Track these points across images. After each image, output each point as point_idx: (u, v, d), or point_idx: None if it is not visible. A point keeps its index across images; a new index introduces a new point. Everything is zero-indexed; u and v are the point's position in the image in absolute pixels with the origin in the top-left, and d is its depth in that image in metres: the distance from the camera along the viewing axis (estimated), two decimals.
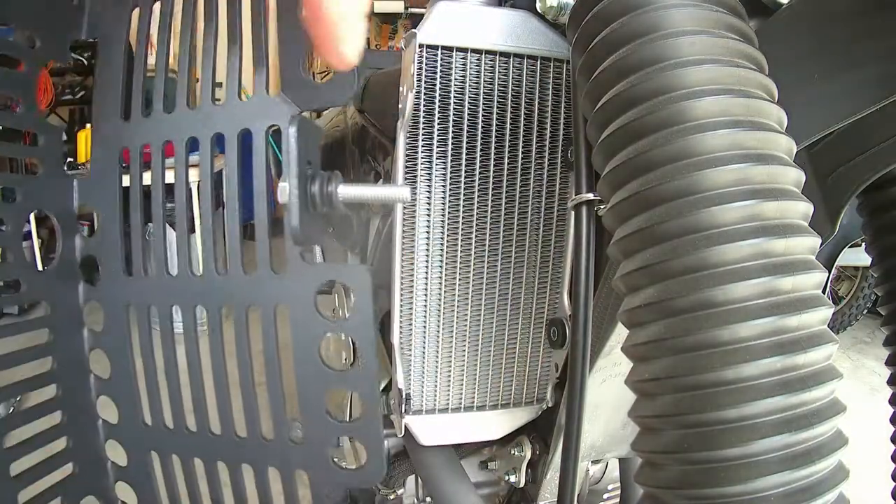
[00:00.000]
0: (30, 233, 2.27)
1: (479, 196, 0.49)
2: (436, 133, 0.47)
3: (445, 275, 0.50)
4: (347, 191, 0.28)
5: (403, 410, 0.51)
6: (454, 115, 0.47)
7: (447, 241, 0.49)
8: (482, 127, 0.47)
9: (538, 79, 0.48)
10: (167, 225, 0.37)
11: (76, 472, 0.39)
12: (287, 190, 0.27)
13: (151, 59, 0.35)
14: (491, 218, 0.49)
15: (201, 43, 0.34)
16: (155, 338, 0.38)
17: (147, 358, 0.38)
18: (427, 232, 0.49)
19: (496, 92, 0.47)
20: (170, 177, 0.35)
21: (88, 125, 0.46)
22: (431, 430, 0.53)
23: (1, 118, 0.36)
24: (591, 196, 0.38)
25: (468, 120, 0.47)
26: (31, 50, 0.34)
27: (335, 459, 0.35)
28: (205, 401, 0.38)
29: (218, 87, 0.35)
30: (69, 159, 2.27)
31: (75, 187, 0.37)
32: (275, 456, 0.36)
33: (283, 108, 0.31)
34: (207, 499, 0.39)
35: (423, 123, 0.46)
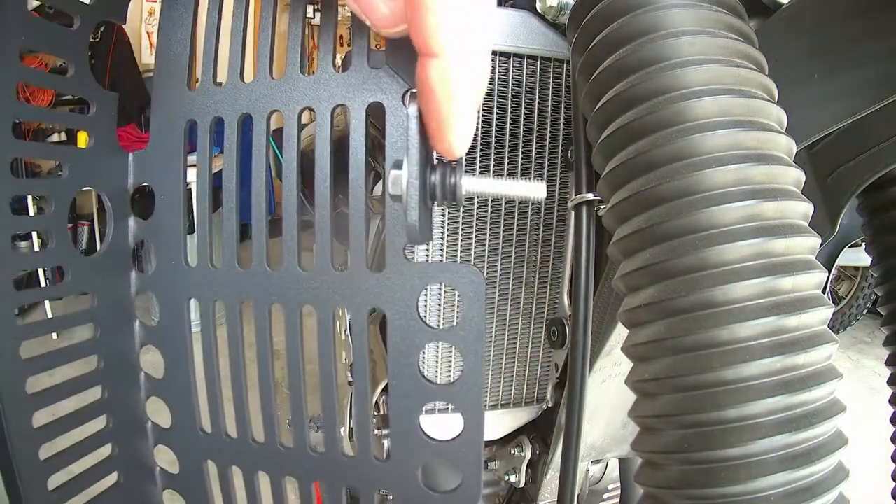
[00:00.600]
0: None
1: (479, 196, 0.49)
2: None
3: None
4: (474, 183, 0.24)
5: None
6: None
7: (447, 241, 0.49)
8: (482, 127, 0.47)
9: (538, 79, 0.48)
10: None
11: (121, 482, 0.35)
12: (404, 179, 0.23)
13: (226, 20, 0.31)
14: (491, 218, 0.49)
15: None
16: (219, 336, 0.34)
17: (209, 358, 0.34)
18: None
19: (496, 92, 0.47)
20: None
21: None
22: (431, 430, 0.53)
23: (49, 80, 0.31)
24: (591, 196, 0.38)
25: None
26: (83, 5, 0.31)
27: (424, 481, 0.31)
28: (276, 409, 0.34)
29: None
30: None
31: (130, 162, 0.32)
32: (354, 474, 0.32)
33: (389, 84, 0.26)
34: None
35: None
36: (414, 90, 0.25)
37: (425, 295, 0.50)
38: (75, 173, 0.31)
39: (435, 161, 0.25)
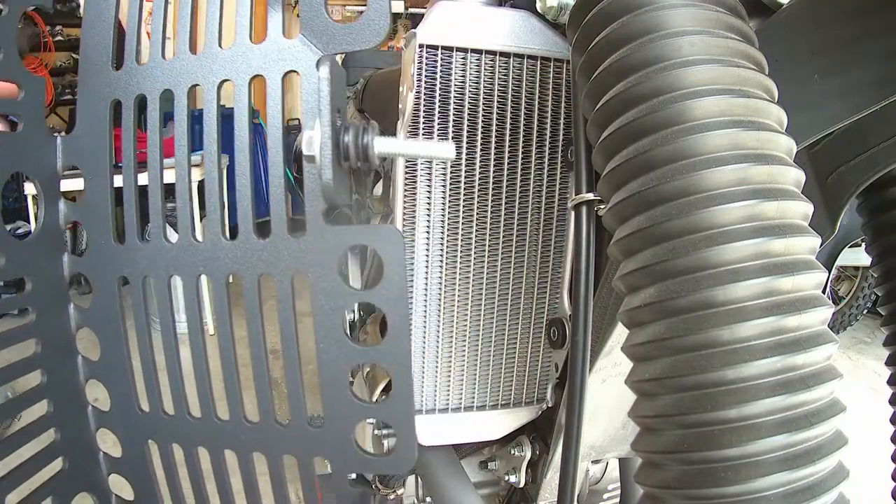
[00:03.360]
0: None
1: (479, 196, 0.49)
2: (436, 133, 0.47)
3: (445, 275, 0.50)
4: (385, 144, 0.25)
5: None
6: (454, 114, 0.47)
7: (447, 241, 0.49)
8: (482, 127, 0.47)
9: (538, 79, 0.48)
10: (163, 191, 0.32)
11: (66, 468, 0.35)
12: (318, 140, 0.23)
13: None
14: (491, 218, 0.49)
15: None
16: (151, 314, 0.34)
17: (142, 336, 0.34)
18: (427, 232, 0.49)
19: (496, 92, 0.47)
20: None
21: None
22: (431, 430, 0.53)
23: None
24: (591, 196, 0.38)
25: (468, 120, 0.47)
26: None
27: (359, 445, 0.32)
28: (210, 383, 0.34)
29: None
30: None
31: (58, 145, 0.32)
32: (291, 442, 0.32)
33: (303, 52, 0.27)
34: (214, 490, 0.36)
35: (423, 123, 0.46)
36: (331, 56, 0.26)
37: (425, 297, 0.50)
38: (4, 158, 0.31)
39: (348, 123, 0.25)
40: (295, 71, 0.28)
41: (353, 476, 1.09)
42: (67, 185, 0.35)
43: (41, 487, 0.33)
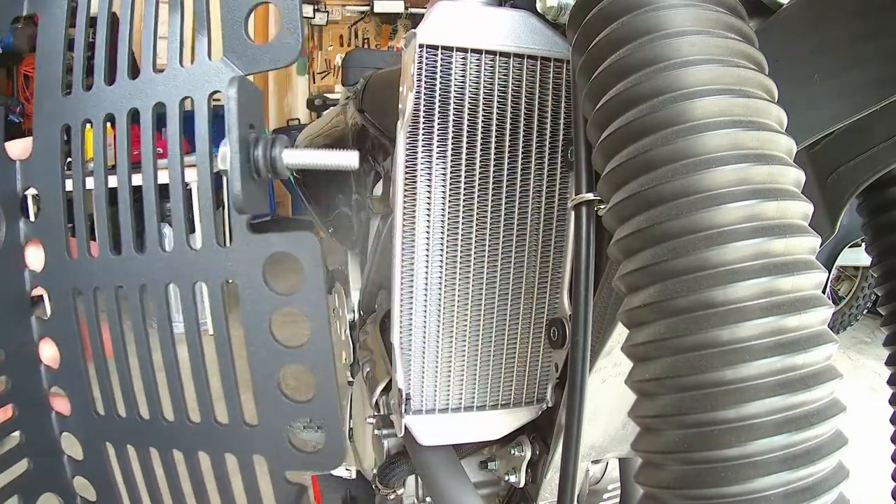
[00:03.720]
0: None
1: (479, 196, 0.49)
2: (436, 133, 0.47)
3: (445, 275, 0.50)
4: (293, 155, 0.27)
5: (403, 410, 0.51)
6: (454, 115, 0.47)
7: (447, 241, 0.49)
8: (482, 127, 0.47)
9: (538, 79, 0.48)
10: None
11: (31, 469, 0.37)
12: (227, 155, 0.26)
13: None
14: (491, 218, 0.49)
15: (141, 10, 0.33)
16: (103, 324, 0.37)
17: (95, 345, 0.36)
18: (427, 232, 0.49)
19: (496, 92, 0.47)
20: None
21: None
22: (431, 430, 0.53)
23: None
24: (591, 196, 0.38)
25: (468, 120, 0.47)
26: None
27: (293, 442, 0.34)
28: (156, 386, 0.37)
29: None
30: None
31: (17, 168, 0.35)
32: (231, 441, 0.35)
33: (226, 73, 0.29)
34: (166, 489, 0.38)
35: (423, 123, 0.46)
36: (240, 77, 0.28)
37: (425, 297, 0.50)
38: None
39: (253, 136, 0.28)
40: (219, 90, 0.31)
41: (354, 476, 1.09)
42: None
43: (7, 486, 0.35)
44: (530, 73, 0.47)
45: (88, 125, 0.33)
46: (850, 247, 0.60)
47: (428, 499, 0.72)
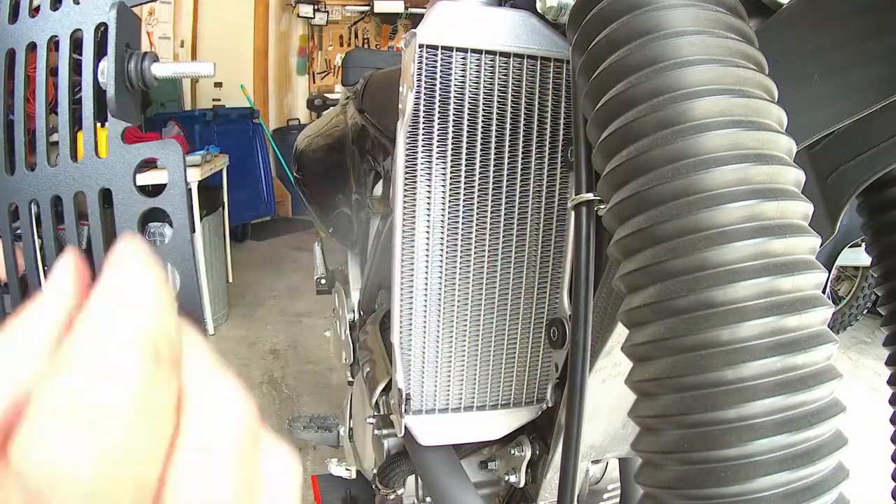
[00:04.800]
0: None
1: (479, 196, 0.49)
2: (436, 133, 0.47)
3: (445, 275, 0.50)
4: (160, 68, 0.32)
5: (403, 410, 0.52)
6: (454, 115, 0.47)
7: (447, 241, 0.49)
8: (482, 127, 0.47)
9: (538, 79, 0.48)
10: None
11: None
12: (106, 68, 0.30)
13: None
14: (491, 218, 0.49)
15: None
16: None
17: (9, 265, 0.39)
18: (427, 232, 0.49)
19: (496, 92, 0.47)
20: None
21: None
22: (431, 430, 0.53)
23: None
24: (591, 196, 0.38)
25: (468, 120, 0.47)
26: None
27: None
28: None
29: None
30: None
31: None
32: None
33: (108, 5, 0.33)
34: None
35: (423, 123, 0.46)
36: (119, 3, 0.32)
37: (425, 297, 0.50)
38: None
39: (128, 53, 0.32)
40: (105, 22, 0.34)
41: (354, 476, 1.09)
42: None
43: None
44: (530, 73, 0.47)
45: None
46: (850, 247, 0.60)
47: (428, 499, 0.72)
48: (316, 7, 5.01)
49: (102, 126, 0.37)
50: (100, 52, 0.34)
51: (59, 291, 0.19)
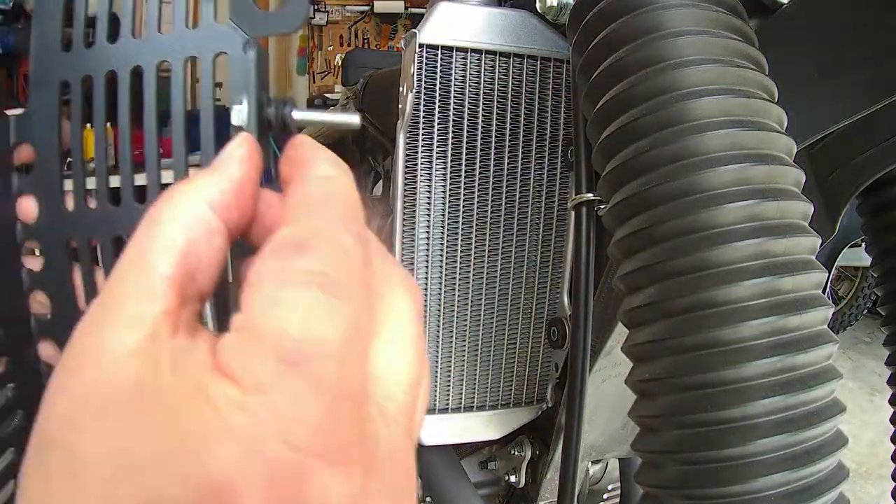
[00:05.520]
0: None
1: (479, 196, 0.49)
2: (436, 133, 0.47)
3: (445, 275, 0.50)
4: (301, 115, 0.30)
5: None
6: (454, 115, 0.47)
7: (447, 241, 0.49)
8: (482, 127, 0.47)
9: (538, 79, 0.48)
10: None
11: (24, 423, 0.39)
12: (244, 112, 0.28)
13: None
14: (491, 218, 0.49)
15: None
16: (98, 273, 0.38)
17: (90, 296, 0.37)
18: (427, 232, 0.49)
19: (496, 92, 0.47)
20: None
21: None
22: (431, 430, 0.53)
23: None
24: (591, 196, 0.38)
25: (468, 120, 0.47)
26: None
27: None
28: None
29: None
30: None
31: (11, 124, 0.36)
32: None
33: (232, 36, 0.31)
34: None
35: (423, 123, 0.46)
36: (254, 38, 0.31)
37: (425, 297, 0.50)
38: None
39: (265, 97, 0.31)
40: (224, 52, 0.32)
41: None
42: None
43: (3, 440, 0.36)
44: (530, 73, 0.47)
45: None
46: (850, 247, 0.60)
47: (428, 499, 0.72)
48: (316, 7, 5.00)
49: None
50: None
51: (229, 161, 0.23)
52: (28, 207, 0.37)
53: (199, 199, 0.20)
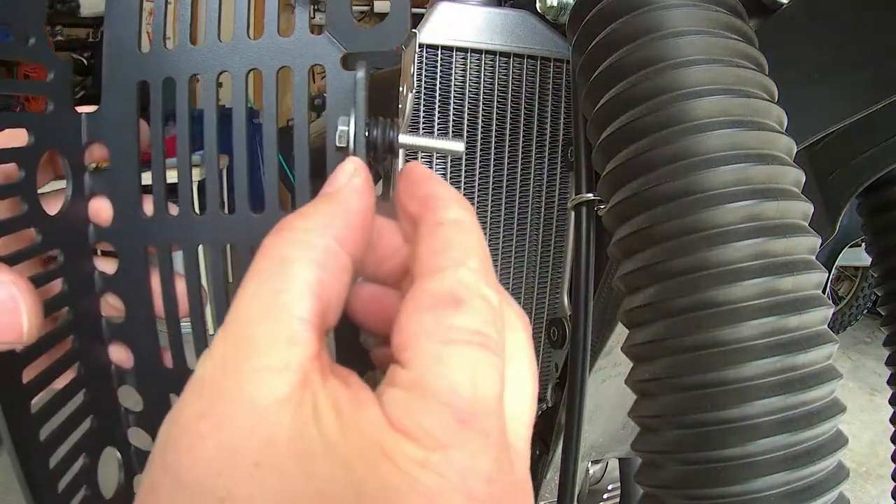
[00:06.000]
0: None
1: (479, 196, 0.49)
2: (436, 133, 0.47)
3: None
4: (407, 139, 0.29)
5: None
6: (454, 115, 0.47)
7: None
8: (482, 127, 0.47)
9: (538, 79, 0.48)
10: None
11: (95, 426, 0.37)
12: (351, 133, 0.27)
13: None
14: (491, 218, 0.49)
15: None
16: (178, 281, 0.36)
17: (169, 301, 0.36)
18: None
19: (496, 92, 0.47)
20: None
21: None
22: None
23: (11, 51, 0.32)
24: (591, 196, 0.38)
25: (468, 120, 0.47)
26: None
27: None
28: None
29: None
30: None
31: (84, 121, 0.34)
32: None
33: (329, 48, 0.30)
34: None
35: (423, 123, 0.46)
36: (357, 55, 0.29)
37: None
38: (40, 138, 0.32)
39: (377, 120, 0.30)
40: (320, 64, 0.31)
41: None
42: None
43: (76, 445, 0.35)
44: (530, 73, 0.47)
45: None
46: (850, 247, 0.60)
47: None
48: (316, 7, 5.01)
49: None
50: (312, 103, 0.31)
51: (349, 192, 0.23)
52: (101, 208, 0.36)
53: (327, 235, 0.20)
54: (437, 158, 0.48)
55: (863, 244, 0.53)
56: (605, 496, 0.68)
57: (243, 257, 0.35)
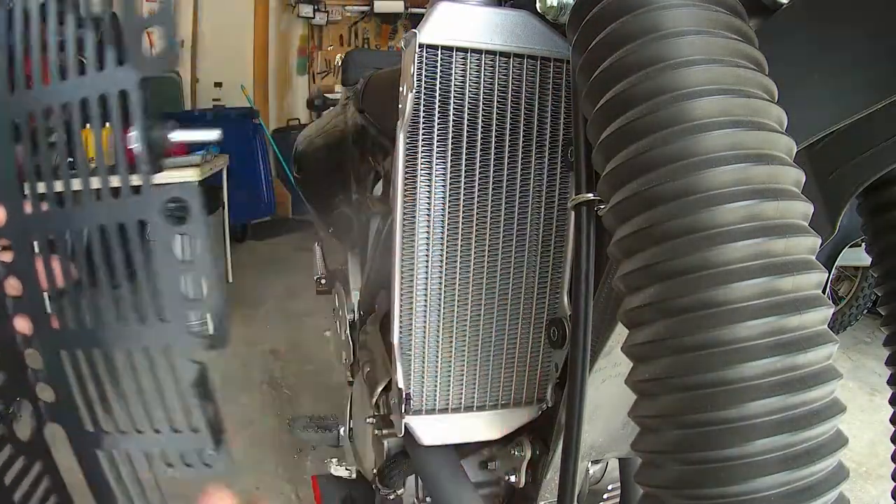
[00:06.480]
0: None
1: (479, 196, 0.49)
2: (436, 133, 0.47)
3: (445, 275, 0.50)
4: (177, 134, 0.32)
5: (403, 410, 0.51)
6: (454, 115, 0.47)
7: (447, 241, 0.49)
8: (482, 127, 0.47)
9: (538, 79, 0.48)
10: None
11: (7, 380, 0.42)
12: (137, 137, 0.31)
13: None
14: (491, 218, 0.49)
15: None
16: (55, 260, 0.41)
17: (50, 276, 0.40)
18: (427, 232, 0.49)
19: (496, 92, 0.47)
20: None
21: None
22: (431, 430, 0.53)
23: None
24: (591, 196, 0.38)
25: (468, 120, 0.47)
26: None
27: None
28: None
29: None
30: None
31: None
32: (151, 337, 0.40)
33: (132, 75, 0.35)
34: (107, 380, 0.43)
35: (423, 123, 0.46)
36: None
37: (425, 297, 0.50)
38: None
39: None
40: (126, 89, 0.33)
41: (354, 476, 1.09)
42: None
43: None
44: (530, 73, 0.47)
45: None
46: (850, 247, 0.60)
47: (428, 499, 0.72)
48: (316, 7, 5.00)
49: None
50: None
51: None
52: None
53: None
54: (437, 159, 0.48)
55: (863, 244, 0.53)
56: (605, 496, 0.68)
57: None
